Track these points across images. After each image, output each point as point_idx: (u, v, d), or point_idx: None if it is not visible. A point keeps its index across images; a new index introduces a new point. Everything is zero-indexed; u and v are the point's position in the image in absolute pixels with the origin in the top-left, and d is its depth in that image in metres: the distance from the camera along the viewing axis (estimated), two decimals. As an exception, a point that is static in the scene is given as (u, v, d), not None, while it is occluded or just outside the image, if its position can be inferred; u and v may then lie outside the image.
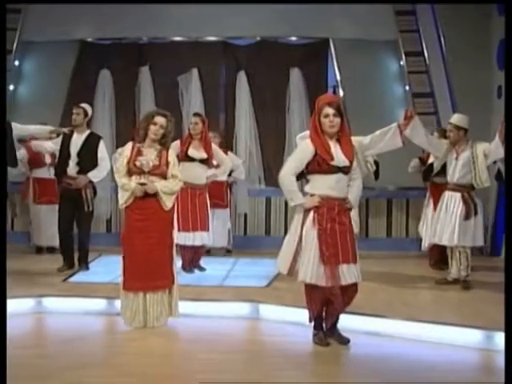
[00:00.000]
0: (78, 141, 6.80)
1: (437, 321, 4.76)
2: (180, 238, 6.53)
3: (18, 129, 6.79)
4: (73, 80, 9.02)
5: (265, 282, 6.28)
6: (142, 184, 4.94)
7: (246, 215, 8.85)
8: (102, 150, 6.83)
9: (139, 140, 5.07)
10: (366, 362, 4.29)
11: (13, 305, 5.43)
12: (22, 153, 8.00)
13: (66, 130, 6.95)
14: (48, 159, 7.85)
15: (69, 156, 6.77)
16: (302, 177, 4.52)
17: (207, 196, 6.82)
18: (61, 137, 6.95)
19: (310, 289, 4.42)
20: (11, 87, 8.98)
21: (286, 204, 8.80)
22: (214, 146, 6.90)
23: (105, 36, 9.12)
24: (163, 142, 5.06)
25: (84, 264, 6.88)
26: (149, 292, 4.98)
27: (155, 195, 4.96)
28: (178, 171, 5.10)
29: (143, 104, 8.91)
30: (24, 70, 9.20)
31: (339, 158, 4.35)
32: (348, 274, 4.36)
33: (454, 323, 4.68)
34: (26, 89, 9.16)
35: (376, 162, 6.97)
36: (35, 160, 7.97)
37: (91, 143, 6.80)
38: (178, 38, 9.12)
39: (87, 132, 6.90)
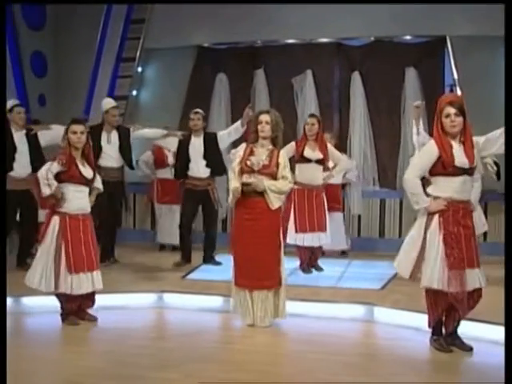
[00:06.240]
0: (198, 143, 7.11)
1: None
2: (297, 238, 6.64)
3: (136, 134, 7.20)
4: (191, 84, 9.28)
5: (379, 284, 6.22)
6: (248, 184, 5.01)
7: (359, 217, 8.76)
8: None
9: (252, 141, 5.18)
10: (487, 373, 4.13)
11: (136, 299, 5.77)
12: (147, 155, 8.40)
13: (179, 134, 7.24)
14: (171, 160, 8.05)
15: (188, 159, 7.07)
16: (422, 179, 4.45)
17: (324, 197, 6.81)
18: (171, 139, 7.21)
19: (433, 294, 4.34)
20: (134, 92, 9.42)
21: (401, 206, 8.64)
22: (329, 146, 6.86)
23: (221, 41, 9.28)
24: (275, 142, 5.12)
25: (213, 260, 7.26)
26: (254, 290, 5.06)
27: (263, 195, 5.02)
28: (288, 173, 5.13)
29: (258, 106, 8.99)
30: (146, 75, 9.57)
31: (462, 159, 4.24)
32: (472, 278, 4.27)
33: None
34: (147, 94, 9.55)
35: (496, 163, 6.71)
36: (159, 161, 8.31)
37: (211, 142, 7.09)
38: (291, 41, 9.13)
39: (203, 134, 7.17)
